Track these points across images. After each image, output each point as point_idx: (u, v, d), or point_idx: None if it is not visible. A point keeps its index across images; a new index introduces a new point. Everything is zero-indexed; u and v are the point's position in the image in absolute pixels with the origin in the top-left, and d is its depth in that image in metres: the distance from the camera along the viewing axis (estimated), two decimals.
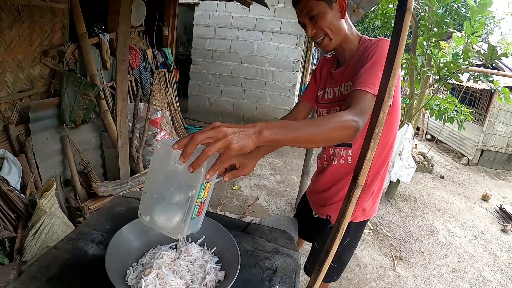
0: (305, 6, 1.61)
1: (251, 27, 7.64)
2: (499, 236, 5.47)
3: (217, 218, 1.60)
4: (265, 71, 7.84)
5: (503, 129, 10.20)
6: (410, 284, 3.70)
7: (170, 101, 5.73)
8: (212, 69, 8.01)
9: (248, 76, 7.92)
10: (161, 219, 1.12)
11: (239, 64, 7.87)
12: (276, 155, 6.75)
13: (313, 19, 1.62)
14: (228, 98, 8.15)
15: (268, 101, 8.04)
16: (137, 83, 4.67)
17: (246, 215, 3.20)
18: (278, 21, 7.52)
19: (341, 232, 1.29)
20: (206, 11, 7.67)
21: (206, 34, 7.83)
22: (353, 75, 1.61)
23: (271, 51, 7.71)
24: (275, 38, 7.65)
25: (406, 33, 1.13)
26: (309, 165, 4.43)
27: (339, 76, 1.79)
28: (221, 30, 7.75)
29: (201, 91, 8.18)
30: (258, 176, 5.64)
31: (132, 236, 1.30)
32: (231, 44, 7.80)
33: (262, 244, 1.53)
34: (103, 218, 1.52)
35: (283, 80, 7.86)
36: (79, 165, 3.54)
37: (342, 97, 1.76)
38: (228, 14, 7.61)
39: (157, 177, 1.10)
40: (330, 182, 1.93)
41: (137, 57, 4.59)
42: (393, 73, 1.13)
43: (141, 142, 4.19)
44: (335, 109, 1.81)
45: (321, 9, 1.60)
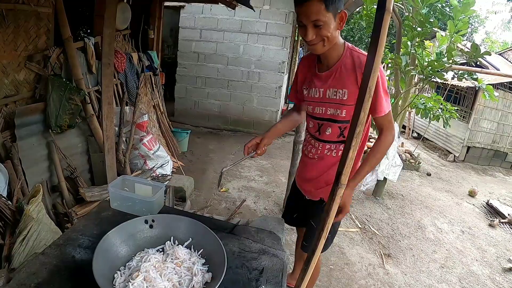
0: (313, 12, 1.67)
1: (237, 29, 7.66)
2: (486, 231, 5.54)
3: (204, 220, 1.62)
4: (251, 72, 7.87)
5: (488, 126, 10.35)
6: (399, 280, 3.73)
7: (156, 104, 5.71)
8: (198, 72, 8.01)
9: (234, 78, 7.94)
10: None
11: (225, 66, 7.88)
12: (263, 157, 6.72)
13: (318, 26, 1.70)
14: (215, 101, 8.16)
15: (254, 103, 8.07)
16: (123, 86, 4.65)
17: (234, 217, 3.21)
18: (264, 23, 7.55)
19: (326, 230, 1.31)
20: (191, 14, 7.67)
21: (192, 36, 7.83)
22: (341, 83, 1.90)
23: (257, 52, 7.74)
24: (260, 40, 7.68)
25: (386, 33, 1.16)
26: (296, 165, 4.40)
27: (325, 79, 1.97)
28: (207, 32, 7.76)
29: (187, 93, 8.18)
30: (245, 178, 5.65)
31: (119, 240, 1.31)
32: (217, 46, 7.81)
33: (249, 245, 1.55)
34: (90, 223, 1.53)
35: (269, 82, 7.90)
36: (66, 170, 3.52)
37: (329, 100, 1.98)
38: (214, 17, 7.62)
39: None
40: (321, 171, 2.18)
41: (123, 60, 4.58)
42: (373, 74, 1.16)
43: (127, 146, 4.18)
44: (321, 109, 2.04)
45: (328, 19, 1.68)
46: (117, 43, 4.68)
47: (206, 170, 5.62)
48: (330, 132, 2.06)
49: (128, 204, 1.63)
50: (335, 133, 2.05)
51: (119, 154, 4.00)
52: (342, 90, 1.92)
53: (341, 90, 1.92)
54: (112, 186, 1.65)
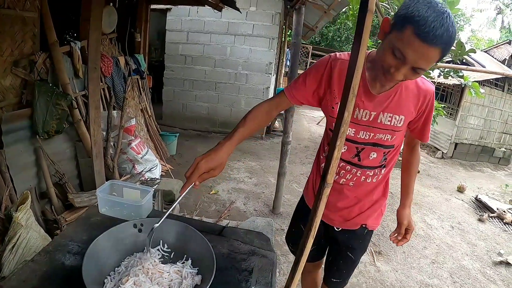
0: (425, 60, 1.34)
1: (224, 31, 7.68)
2: (476, 225, 5.64)
3: (193, 223, 1.62)
4: (239, 74, 7.90)
5: (475, 122, 10.50)
6: (390, 277, 3.76)
7: (144, 108, 5.70)
8: (185, 74, 8.01)
9: (222, 80, 7.96)
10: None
11: (213, 69, 7.89)
12: (252, 158, 6.79)
13: (416, 72, 1.40)
14: (203, 103, 8.17)
15: (242, 104, 8.09)
16: (110, 91, 4.64)
17: (223, 219, 3.21)
18: (251, 25, 7.58)
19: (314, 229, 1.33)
20: (178, 16, 7.67)
21: (179, 39, 7.83)
22: (400, 108, 1.67)
23: (244, 54, 7.77)
24: (247, 42, 7.71)
25: (368, 33, 1.17)
26: (285, 166, 4.48)
27: (380, 102, 1.67)
28: (194, 35, 7.77)
29: (175, 96, 8.17)
30: (235, 180, 5.66)
31: (108, 245, 1.31)
32: (204, 48, 7.82)
33: (238, 247, 1.55)
34: (79, 229, 1.52)
35: (257, 83, 7.93)
36: (54, 176, 3.49)
37: (380, 125, 1.70)
38: (201, 19, 7.63)
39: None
40: (357, 199, 1.94)
41: (109, 64, 4.56)
42: (356, 73, 1.18)
43: (116, 150, 4.17)
44: (367, 134, 1.73)
45: (429, 67, 1.42)
46: (104, 47, 4.66)
47: None
48: (375, 157, 1.81)
49: (116, 209, 1.63)
50: (378, 159, 1.82)
51: (107, 159, 3.99)
52: (399, 116, 1.69)
53: (398, 116, 1.69)
54: (100, 191, 1.65)
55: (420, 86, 1.67)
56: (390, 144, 1.78)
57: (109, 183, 1.75)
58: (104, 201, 1.64)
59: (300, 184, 5.94)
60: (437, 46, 1.28)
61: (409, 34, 1.29)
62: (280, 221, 4.50)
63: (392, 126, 1.70)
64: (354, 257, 2.08)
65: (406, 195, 1.99)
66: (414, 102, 1.68)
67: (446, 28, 1.26)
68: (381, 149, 1.78)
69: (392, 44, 1.37)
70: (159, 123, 6.57)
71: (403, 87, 1.65)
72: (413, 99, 1.68)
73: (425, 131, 1.80)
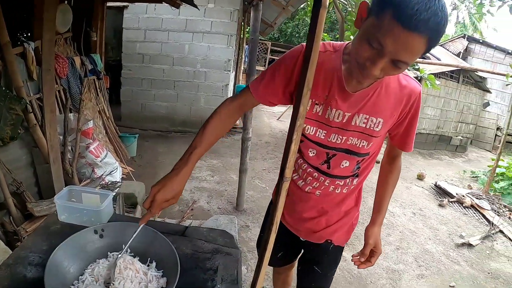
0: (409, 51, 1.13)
1: (182, 29, 7.63)
2: (437, 210, 5.90)
3: (155, 225, 1.61)
4: (197, 72, 7.86)
5: (432, 113, 10.94)
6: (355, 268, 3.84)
7: (101, 109, 5.59)
8: (143, 74, 7.90)
9: (181, 78, 7.91)
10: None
11: (171, 67, 7.82)
12: (213, 155, 6.77)
13: (396, 66, 1.19)
14: (162, 102, 8.08)
15: (202, 103, 8.08)
16: (66, 93, 4.52)
17: (186, 219, 3.19)
18: (209, 22, 7.57)
19: (275, 225, 1.35)
20: (135, 14, 7.55)
21: (136, 37, 7.71)
22: (378, 109, 1.47)
23: (203, 51, 7.74)
24: (206, 39, 7.69)
25: (322, 28, 1.21)
26: (246, 162, 4.51)
27: (356, 101, 1.47)
28: (151, 33, 7.67)
29: (133, 96, 8.04)
30: (197, 179, 5.64)
31: (69, 254, 1.29)
32: (162, 46, 7.74)
33: (201, 246, 1.56)
34: (39, 239, 1.49)
35: (216, 80, 7.92)
36: (11, 185, 3.36)
37: (355, 128, 1.51)
38: (158, 16, 7.53)
39: None
40: (324, 210, 1.76)
41: (65, 65, 4.44)
42: (310, 67, 1.20)
43: (74, 155, 4.07)
44: (339, 137, 1.54)
45: (412, 61, 1.20)
46: (58, 47, 4.54)
47: (157, 174, 5.55)
48: (347, 166, 1.62)
49: (76, 215, 1.60)
50: (351, 167, 1.63)
51: (65, 164, 3.89)
52: (376, 119, 1.49)
53: (375, 119, 1.49)
54: (58, 198, 1.61)
55: (403, 85, 1.47)
56: (365, 152, 1.58)
57: (67, 189, 1.72)
58: (63, 208, 1.61)
59: (262, 180, 5.99)
60: (421, 33, 1.07)
61: (388, 19, 1.09)
62: (245, 218, 4.52)
63: (368, 130, 1.51)
64: (321, 271, 1.93)
65: (378, 212, 1.76)
66: (395, 103, 1.48)
67: (434, 12, 1.05)
68: (354, 157, 1.59)
69: (368, 32, 1.17)
70: (118, 124, 6.46)
71: (383, 85, 1.45)
72: (394, 100, 1.48)
73: (407, 139, 1.61)
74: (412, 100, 1.48)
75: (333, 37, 12.08)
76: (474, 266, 4.34)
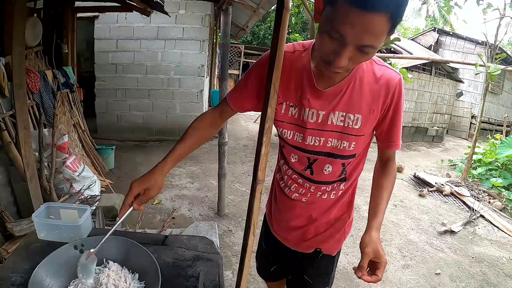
0: (372, 33, 1.03)
1: (154, 36, 7.62)
2: (417, 201, 6.04)
3: (136, 236, 1.62)
4: (171, 79, 7.85)
5: (408, 105, 11.23)
6: (342, 261, 3.91)
7: (76, 122, 5.52)
8: (117, 84, 7.84)
9: (155, 86, 7.88)
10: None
11: (145, 76, 7.79)
12: (192, 162, 6.77)
13: (363, 52, 1.10)
14: (137, 112, 8.04)
15: (177, 110, 8.07)
16: (39, 108, 4.45)
17: (166, 228, 3.19)
18: (180, 28, 7.58)
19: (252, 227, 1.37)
20: (106, 24, 7.49)
21: (108, 47, 7.65)
22: (354, 105, 1.38)
23: (176, 58, 7.74)
24: (178, 45, 7.69)
25: (286, 29, 1.25)
26: (224, 167, 4.51)
27: (329, 98, 1.40)
28: (123, 42, 7.64)
29: (108, 108, 7.97)
30: (177, 187, 5.64)
31: (50, 272, 1.29)
32: (135, 55, 7.71)
33: (182, 254, 1.57)
34: (19, 259, 1.48)
35: (190, 87, 7.92)
36: None
37: (332, 128, 1.43)
38: (129, 25, 7.51)
39: None
40: (312, 218, 1.67)
41: (36, 79, 4.38)
42: (276, 67, 1.24)
43: (51, 171, 4.02)
44: (317, 139, 1.46)
45: (380, 44, 1.10)
46: (29, 61, 4.47)
47: None
48: (331, 170, 1.53)
49: (55, 232, 1.59)
50: (336, 172, 1.54)
51: (42, 180, 3.84)
52: (354, 116, 1.40)
53: (353, 115, 1.40)
54: (35, 216, 1.60)
55: (378, 77, 1.37)
56: (350, 154, 1.47)
57: (45, 206, 1.71)
58: (41, 225, 1.60)
59: (242, 183, 6.00)
60: (380, 11, 0.97)
61: (341, 4, 1.01)
62: (227, 223, 4.52)
63: (347, 129, 1.41)
64: (312, 281, 1.80)
65: (374, 216, 1.50)
66: (372, 97, 1.38)
67: None
68: (338, 161, 1.49)
69: (326, 24, 1.09)
70: (94, 136, 6.40)
71: (357, 78, 1.36)
72: (371, 94, 1.38)
73: (392, 136, 1.48)
74: (391, 90, 1.37)
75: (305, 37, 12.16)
76: (458, 252, 4.45)
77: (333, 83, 1.36)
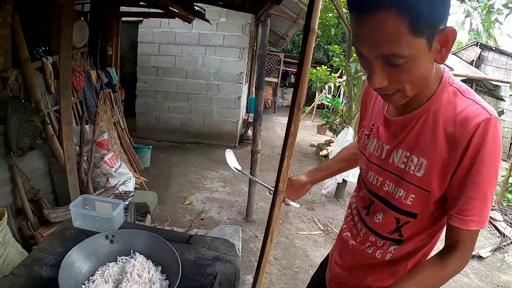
0: (384, 38, 0.86)
1: (195, 42, 7.76)
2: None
3: (163, 233, 1.73)
4: (210, 85, 7.98)
5: None
6: None
7: (116, 121, 5.74)
8: (158, 86, 8.05)
9: (194, 91, 8.04)
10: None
11: (185, 80, 7.96)
12: (225, 167, 6.81)
13: (391, 62, 0.91)
14: (176, 114, 8.22)
15: (215, 115, 8.19)
16: (82, 105, 4.68)
17: (193, 228, 3.30)
18: (221, 35, 7.69)
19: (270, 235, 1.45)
20: (150, 28, 7.72)
21: (150, 51, 7.87)
22: (421, 146, 1.07)
23: (215, 65, 7.86)
24: (218, 52, 7.80)
25: (311, 51, 1.28)
26: (255, 174, 4.56)
27: (395, 131, 1.16)
28: (165, 46, 7.82)
29: (148, 108, 8.20)
30: (209, 190, 5.75)
31: (81, 257, 1.40)
32: (176, 60, 7.88)
33: (204, 253, 1.66)
34: (54, 242, 1.62)
35: (228, 93, 8.02)
36: (29, 192, 3.52)
37: (392, 168, 1.16)
38: (172, 31, 7.68)
39: None
40: (352, 268, 1.39)
41: (81, 79, 4.60)
42: (301, 88, 1.27)
43: (89, 165, 4.22)
44: (376, 177, 1.23)
45: (415, 52, 0.88)
46: (75, 61, 4.70)
47: (170, 185, 5.69)
48: (381, 220, 1.23)
49: (89, 222, 1.72)
50: (387, 225, 1.22)
51: (81, 173, 4.04)
52: (418, 159, 1.07)
53: (417, 159, 1.08)
54: (73, 205, 1.74)
55: (458, 112, 1.01)
56: (406, 210, 1.14)
57: (82, 197, 1.85)
58: (77, 215, 1.74)
59: None
60: (380, 8, 0.82)
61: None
62: (254, 228, 4.60)
63: (406, 173, 1.11)
64: None
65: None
66: (447, 139, 1.02)
67: None
68: (391, 212, 1.19)
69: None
70: (133, 135, 6.62)
71: (431, 111, 1.05)
72: (445, 134, 1.02)
73: (462, 202, 1.01)
74: (468, 134, 0.97)
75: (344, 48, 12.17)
76: (483, 279, 4.27)
77: (404, 112, 1.12)
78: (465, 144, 0.96)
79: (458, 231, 1.03)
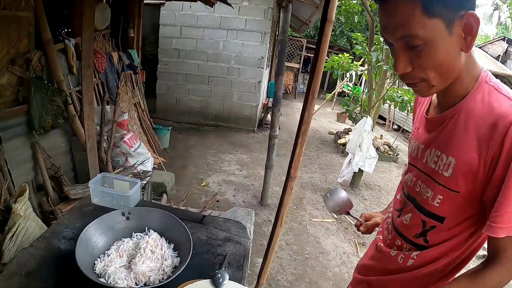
0: (400, 20, 0.90)
1: (216, 26, 7.78)
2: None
3: (177, 212, 1.78)
4: (231, 68, 8.01)
5: None
6: None
7: (137, 102, 5.82)
8: (179, 68, 8.12)
9: (215, 74, 8.08)
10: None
11: (206, 63, 8.01)
12: (243, 150, 6.91)
13: (413, 48, 0.93)
14: (196, 97, 8.29)
15: (234, 98, 8.24)
16: (104, 86, 4.76)
17: (207, 209, 3.35)
18: (243, 19, 7.69)
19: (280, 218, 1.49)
20: (171, 11, 7.76)
21: (172, 33, 7.92)
22: (451, 144, 1.04)
23: (236, 48, 7.88)
24: (240, 36, 7.82)
25: (328, 40, 1.29)
26: (272, 159, 4.59)
27: (431, 130, 1.15)
28: (187, 29, 7.86)
29: (169, 90, 8.29)
30: (225, 172, 5.81)
31: (98, 231, 1.47)
32: (197, 43, 7.92)
33: (216, 234, 1.71)
34: (73, 217, 1.68)
35: (249, 77, 8.05)
36: (50, 170, 3.63)
37: (425, 168, 1.14)
38: (194, 13, 7.72)
39: None
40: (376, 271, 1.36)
41: (103, 60, 4.67)
42: (316, 77, 1.30)
43: (109, 144, 4.31)
44: (411, 178, 1.22)
45: (432, 34, 0.89)
46: (97, 43, 4.77)
47: (187, 166, 5.77)
48: (408, 221, 1.20)
49: (107, 199, 1.79)
50: (413, 227, 1.19)
51: (101, 152, 4.13)
52: (446, 158, 1.04)
53: (446, 157, 1.05)
54: (92, 183, 1.81)
55: (492, 107, 0.96)
56: (433, 212, 1.11)
57: (101, 175, 1.91)
58: (96, 192, 1.80)
59: None
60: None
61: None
62: (268, 212, 4.65)
63: (435, 173, 1.08)
64: None
65: None
66: (479, 138, 0.97)
67: None
68: (418, 213, 1.16)
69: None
70: (153, 116, 6.70)
71: (463, 108, 1.03)
72: (477, 132, 0.98)
73: (493, 210, 0.95)
74: (501, 132, 0.92)
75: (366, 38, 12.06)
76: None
77: (440, 112, 1.10)
78: (498, 143, 0.92)
79: (497, 241, 0.97)
